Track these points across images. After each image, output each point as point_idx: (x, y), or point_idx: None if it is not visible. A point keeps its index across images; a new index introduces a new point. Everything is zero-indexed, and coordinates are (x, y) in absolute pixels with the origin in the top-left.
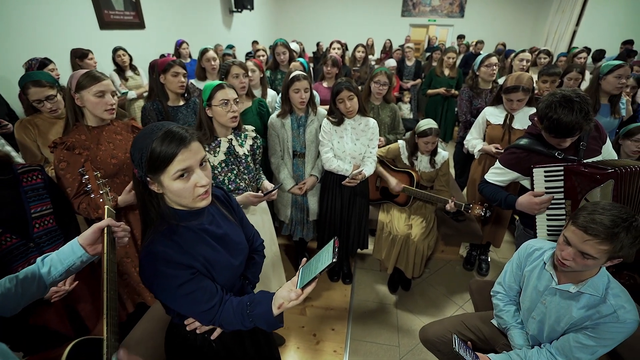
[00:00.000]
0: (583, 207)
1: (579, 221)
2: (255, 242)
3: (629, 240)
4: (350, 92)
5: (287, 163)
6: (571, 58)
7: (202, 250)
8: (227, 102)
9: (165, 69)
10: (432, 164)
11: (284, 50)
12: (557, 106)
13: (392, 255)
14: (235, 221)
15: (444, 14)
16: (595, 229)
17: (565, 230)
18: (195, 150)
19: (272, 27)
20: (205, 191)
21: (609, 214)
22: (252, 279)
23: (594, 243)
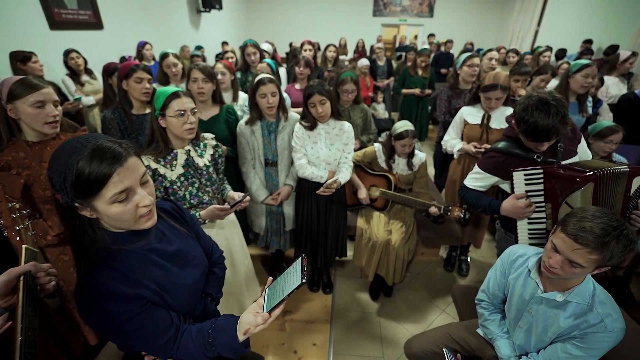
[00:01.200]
0: (572, 213)
1: (569, 229)
2: (214, 254)
3: (619, 249)
4: (322, 97)
5: (259, 172)
6: (537, 56)
7: (152, 274)
8: (183, 112)
9: (127, 74)
10: (409, 166)
11: (254, 51)
12: (533, 109)
13: (372, 262)
14: (190, 234)
15: (414, 14)
16: (585, 238)
17: (554, 237)
18: (133, 167)
19: (243, 28)
20: (150, 210)
21: (599, 222)
22: (214, 294)
23: (584, 252)
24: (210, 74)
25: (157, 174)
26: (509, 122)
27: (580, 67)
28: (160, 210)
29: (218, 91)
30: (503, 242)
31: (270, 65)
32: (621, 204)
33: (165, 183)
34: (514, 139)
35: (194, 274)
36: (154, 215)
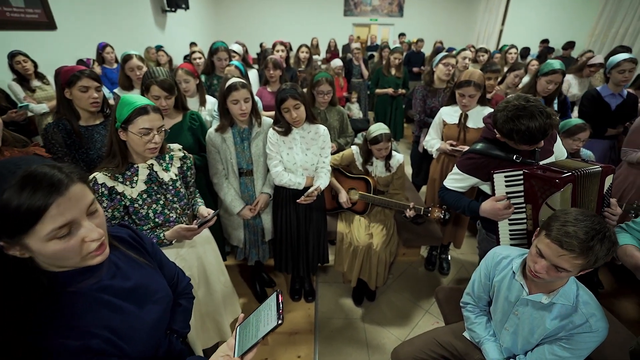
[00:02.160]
0: (554, 216)
1: (553, 234)
2: (180, 284)
3: (603, 252)
4: (296, 101)
5: (233, 182)
6: (504, 54)
7: (103, 319)
8: (149, 131)
9: (70, 81)
10: (387, 168)
11: (226, 57)
12: (517, 118)
13: (354, 267)
14: (151, 264)
15: (384, 14)
16: (570, 244)
17: (538, 242)
18: (77, 196)
19: (212, 28)
20: (100, 244)
21: (582, 226)
22: (180, 330)
23: (569, 257)
24: (171, 86)
25: (115, 192)
26: (486, 123)
27: (546, 72)
28: (114, 240)
29: (180, 98)
30: (485, 243)
31: (239, 67)
32: (596, 203)
33: (124, 202)
34: (492, 140)
35: (156, 310)
36: (106, 248)
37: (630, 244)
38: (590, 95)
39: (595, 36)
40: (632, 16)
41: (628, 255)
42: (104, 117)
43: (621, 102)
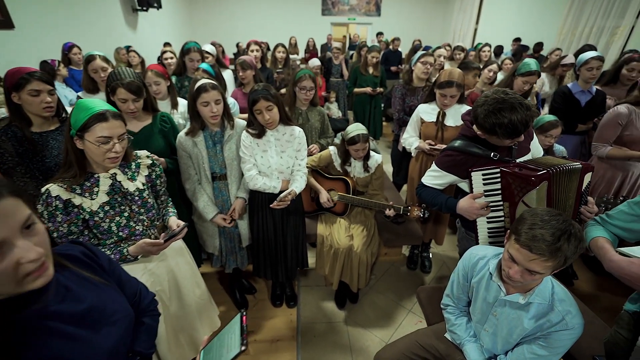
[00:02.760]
0: (522, 218)
1: (522, 239)
2: (143, 301)
3: (571, 250)
4: (268, 102)
5: (207, 188)
6: (477, 53)
7: (51, 350)
8: (108, 140)
9: (17, 84)
10: (365, 168)
11: (199, 58)
12: (499, 111)
13: (335, 270)
14: (108, 283)
15: (362, 13)
16: (539, 247)
17: (509, 246)
18: (6, 212)
19: (187, 27)
20: (41, 264)
21: (548, 227)
22: (144, 351)
23: (540, 261)
24: (139, 88)
25: (71, 205)
26: (465, 120)
27: (523, 72)
28: (63, 258)
29: (149, 99)
30: (464, 241)
31: (208, 71)
32: (574, 200)
33: (83, 215)
34: (470, 137)
35: (114, 333)
36: (48, 269)
37: (602, 235)
38: (561, 92)
39: (563, 34)
40: (595, 15)
41: (599, 247)
42: (60, 122)
43: (590, 98)
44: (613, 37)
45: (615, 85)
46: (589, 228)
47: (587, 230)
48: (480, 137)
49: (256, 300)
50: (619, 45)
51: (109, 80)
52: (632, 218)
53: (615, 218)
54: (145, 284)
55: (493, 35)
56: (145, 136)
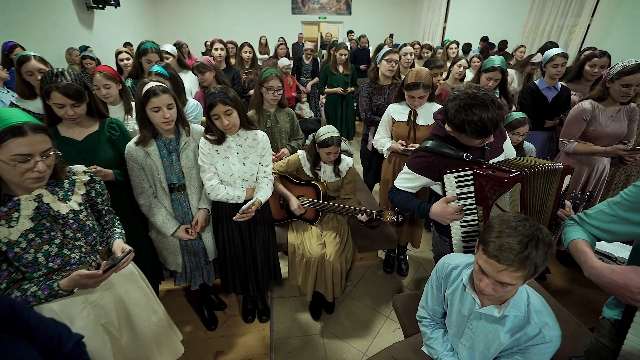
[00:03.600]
0: (489, 227)
1: (489, 249)
2: (64, 348)
3: (540, 258)
4: (226, 106)
5: (164, 201)
6: (445, 50)
7: None
8: (27, 158)
9: None
10: (336, 173)
11: (157, 59)
12: (470, 107)
13: (309, 280)
14: (10, 336)
15: (332, 11)
16: (507, 258)
17: (478, 257)
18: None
19: (151, 26)
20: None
21: (515, 234)
22: None
23: (509, 272)
24: (78, 92)
25: None
26: (437, 119)
27: (487, 68)
28: None
29: (94, 103)
30: (438, 246)
31: (160, 72)
32: (553, 202)
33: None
34: (442, 137)
35: None
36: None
37: (581, 238)
38: (529, 88)
39: (526, 32)
40: (555, 14)
41: (579, 250)
42: None
43: (556, 94)
44: (572, 35)
45: (579, 81)
46: (568, 228)
47: (566, 230)
48: (453, 137)
49: (226, 317)
50: (577, 43)
51: (42, 82)
52: (611, 219)
53: (594, 218)
54: (87, 319)
55: (461, 34)
56: (91, 145)
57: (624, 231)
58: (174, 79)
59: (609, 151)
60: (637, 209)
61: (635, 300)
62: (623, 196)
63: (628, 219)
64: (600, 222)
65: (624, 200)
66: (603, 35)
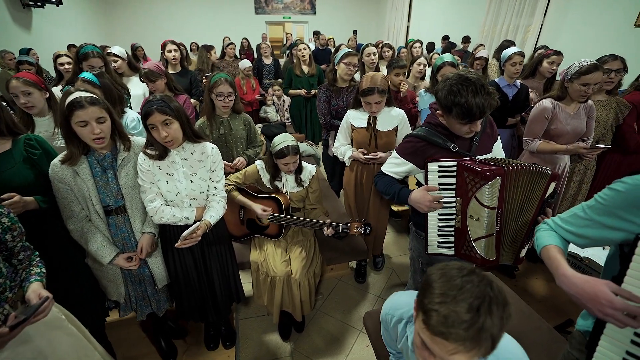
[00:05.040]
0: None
1: (432, 323)
2: None
3: (497, 325)
4: (164, 116)
5: (100, 225)
6: (409, 48)
7: None
8: None
9: None
10: (298, 182)
11: (101, 64)
12: (460, 89)
13: (274, 300)
14: None
15: (297, 11)
16: (456, 335)
17: (419, 328)
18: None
19: (102, 27)
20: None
21: (461, 298)
22: None
23: (463, 353)
24: None
25: None
26: (431, 107)
27: (439, 66)
28: None
29: (3, 118)
30: (415, 241)
31: (91, 80)
32: (536, 207)
33: None
34: (434, 124)
35: None
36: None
37: (554, 244)
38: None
39: (485, 32)
40: (511, 14)
41: (551, 258)
42: None
43: (516, 92)
44: (527, 34)
45: (533, 78)
46: (540, 233)
47: (538, 236)
48: (444, 126)
49: (187, 346)
50: (532, 42)
51: None
52: (585, 223)
53: (569, 222)
54: None
55: (424, 33)
56: (2, 168)
57: (598, 235)
58: (106, 89)
59: (571, 149)
60: (611, 213)
61: (604, 313)
62: (598, 199)
63: (602, 223)
64: (575, 226)
65: (598, 204)
66: (555, 35)
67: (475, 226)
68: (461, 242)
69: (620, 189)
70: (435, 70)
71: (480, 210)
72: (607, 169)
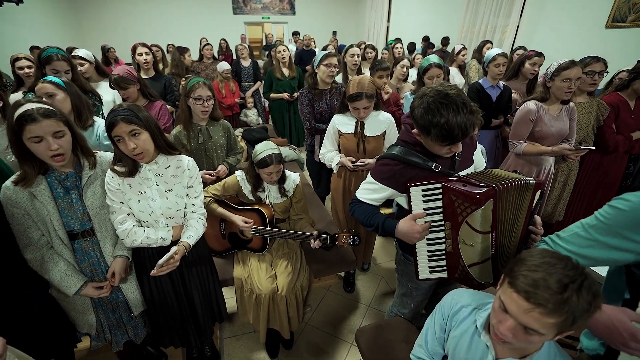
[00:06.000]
0: (519, 259)
1: (519, 283)
2: None
3: (582, 307)
4: (131, 125)
5: (63, 252)
6: (391, 49)
7: None
8: None
9: None
10: (282, 192)
11: (67, 69)
12: (438, 107)
13: (260, 317)
14: None
15: (276, 11)
16: (539, 296)
17: (502, 292)
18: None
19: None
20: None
21: (553, 272)
22: None
23: (539, 314)
24: None
25: None
26: (405, 123)
27: (425, 68)
28: None
29: None
30: (402, 265)
31: (57, 83)
32: (524, 220)
33: None
34: (410, 143)
35: None
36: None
37: None
38: (475, 88)
39: (464, 32)
40: (488, 15)
41: None
42: None
43: (500, 93)
44: (504, 35)
45: (516, 80)
46: None
47: None
48: (422, 144)
49: None
50: (509, 42)
51: None
52: (588, 243)
53: (570, 242)
54: None
55: (404, 33)
56: None
57: (604, 257)
58: (75, 96)
59: (556, 151)
60: (616, 233)
61: (627, 346)
62: (599, 218)
63: (607, 244)
64: (577, 246)
65: (600, 223)
66: (530, 35)
67: (470, 252)
68: (454, 266)
69: (624, 208)
70: (421, 72)
71: (474, 237)
72: (588, 168)
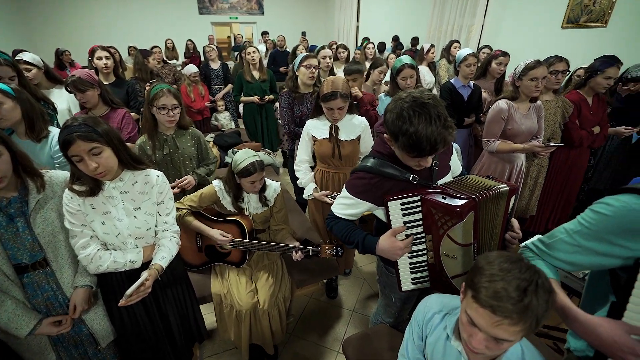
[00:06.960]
0: (478, 269)
1: (482, 297)
2: None
3: (542, 307)
4: (90, 143)
5: (10, 289)
6: (363, 50)
7: None
8: None
9: None
10: (263, 202)
11: (12, 74)
12: (411, 115)
13: (242, 334)
14: None
15: (244, 11)
16: (504, 308)
17: (467, 306)
18: None
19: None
20: None
21: (510, 278)
22: None
23: (508, 325)
24: None
25: None
26: (379, 132)
27: (397, 71)
28: None
29: None
30: (384, 277)
31: (5, 90)
32: (501, 227)
33: None
34: (385, 154)
35: None
36: None
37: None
38: (447, 87)
39: (432, 31)
40: (454, 15)
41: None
42: None
43: (470, 92)
44: (470, 34)
45: (484, 79)
46: None
47: None
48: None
49: None
50: (475, 41)
51: None
52: (574, 249)
53: (556, 249)
54: None
55: (374, 33)
56: None
57: (590, 262)
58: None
59: (527, 148)
60: (602, 239)
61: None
62: (582, 223)
63: (593, 250)
64: (563, 253)
65: (585, 229)
66: (494, 34)
67: (452, 264)
68: (438, 277)
69: (608, 213)
70: (394, 72)
71: (456, 250)
72: (556, 163)
